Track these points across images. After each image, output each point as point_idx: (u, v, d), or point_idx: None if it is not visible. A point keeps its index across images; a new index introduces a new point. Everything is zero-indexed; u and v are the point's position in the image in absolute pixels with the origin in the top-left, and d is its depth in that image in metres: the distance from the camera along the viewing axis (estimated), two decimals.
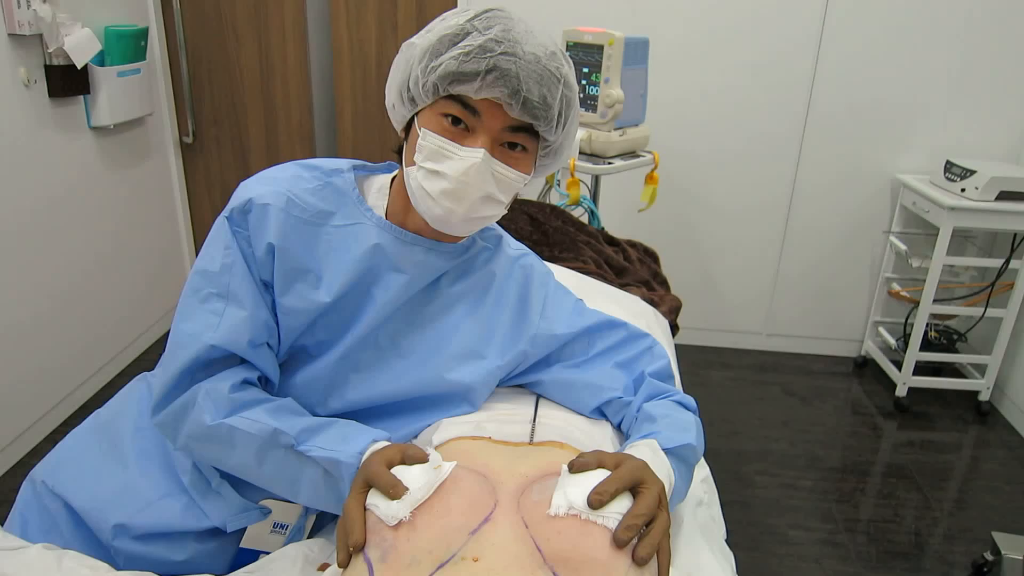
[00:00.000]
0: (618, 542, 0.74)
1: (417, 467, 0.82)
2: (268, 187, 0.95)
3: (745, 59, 2.99)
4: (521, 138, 0.92)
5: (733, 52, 2.98)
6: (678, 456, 0.94)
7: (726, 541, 1.10)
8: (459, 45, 0.88)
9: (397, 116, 0.99)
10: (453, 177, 0.90)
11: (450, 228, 0.96)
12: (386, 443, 0.90)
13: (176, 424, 0.90)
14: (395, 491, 0.78)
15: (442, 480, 0.80)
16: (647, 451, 0.90)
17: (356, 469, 0.86)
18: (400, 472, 0.80)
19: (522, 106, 0.88)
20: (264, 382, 0.97)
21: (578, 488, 0.79)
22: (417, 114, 0.95)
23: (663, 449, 0.92)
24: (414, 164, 0.93)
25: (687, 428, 0.99)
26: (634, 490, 0.81)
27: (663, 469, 0.89)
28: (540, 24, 0.94)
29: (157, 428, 0.93)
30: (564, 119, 0.94)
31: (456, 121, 0.91)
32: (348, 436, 0.91)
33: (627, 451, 0.92)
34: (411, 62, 0.92)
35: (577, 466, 0.82)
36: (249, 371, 0.93)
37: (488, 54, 0.86)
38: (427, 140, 0.91)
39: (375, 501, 0.79)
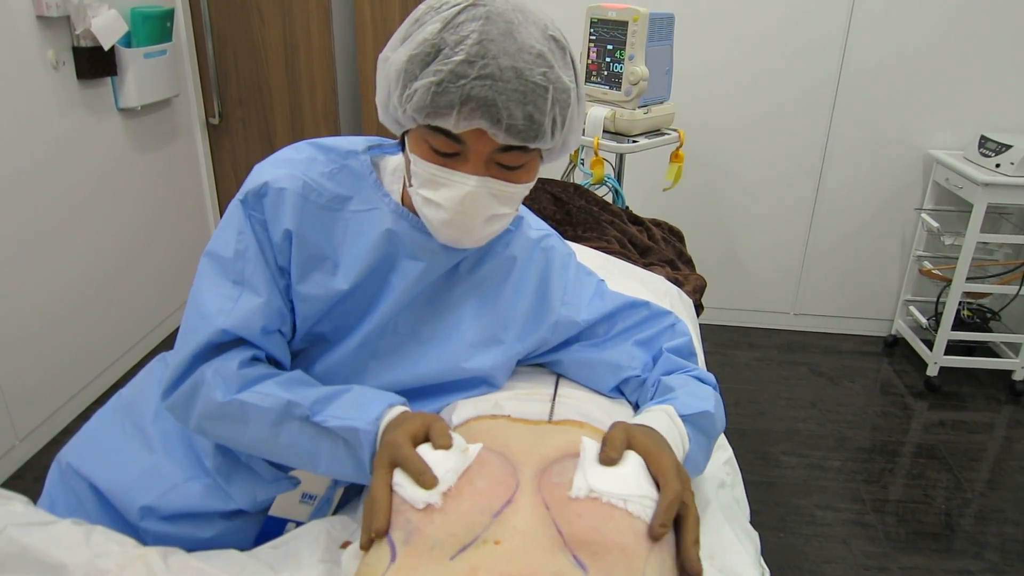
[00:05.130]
0: (653, 536, 0.73)
1: (443, 451, 0.81)
2: (284, 170, 0.93)
3: (773, 25, 2.92)
4: (514, 156, 0.86)
5: (759, 18, 2.92)
6: (695, 424, 0.93)
7: (751, 522, 1.09)
8: (431, 68, 0.80)
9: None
10: (450, 208, 0.86)
11: (461, 247, 0.93)
12: (403, 408, 0.89)
13: (187, 405, 0.90)
14: (426, 480, 0.76)
15: (469, 463, 0.79)
16: (663, 416, 0.89)
17: (374, 436, 0.85)
18: (427, 454, 0.79)
19: (506, 132, 0.81)
20: (275, 365, 0.96)
21: (598, 470, 0.78)
22: (406, 133, 0.90)
23: (680, 416, 0.91)
24: (412, 186, 0.90)
25: (705, 397, 0.97)
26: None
27: (676, 436, 0.87)
28: (562, 4, 0.86)
29: (168, 411, 0.92)
30: (560, 123, 0.86)
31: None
32: (363, 402, 0.89)
33: (643, 416, 0.91)
34: (389, 83, 0.86)
35: (606, 462, 0.79)
36: (257, 350, 0.92)
37: (461, 81, 0.79)
38: (418, 167, 0.87)
39: (402, 481, 0.78)
